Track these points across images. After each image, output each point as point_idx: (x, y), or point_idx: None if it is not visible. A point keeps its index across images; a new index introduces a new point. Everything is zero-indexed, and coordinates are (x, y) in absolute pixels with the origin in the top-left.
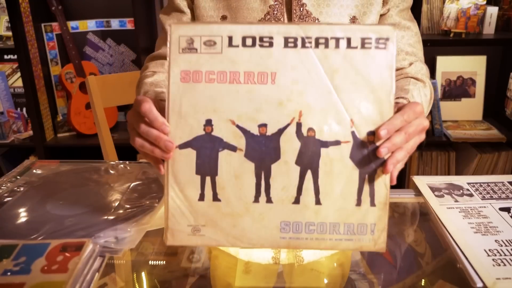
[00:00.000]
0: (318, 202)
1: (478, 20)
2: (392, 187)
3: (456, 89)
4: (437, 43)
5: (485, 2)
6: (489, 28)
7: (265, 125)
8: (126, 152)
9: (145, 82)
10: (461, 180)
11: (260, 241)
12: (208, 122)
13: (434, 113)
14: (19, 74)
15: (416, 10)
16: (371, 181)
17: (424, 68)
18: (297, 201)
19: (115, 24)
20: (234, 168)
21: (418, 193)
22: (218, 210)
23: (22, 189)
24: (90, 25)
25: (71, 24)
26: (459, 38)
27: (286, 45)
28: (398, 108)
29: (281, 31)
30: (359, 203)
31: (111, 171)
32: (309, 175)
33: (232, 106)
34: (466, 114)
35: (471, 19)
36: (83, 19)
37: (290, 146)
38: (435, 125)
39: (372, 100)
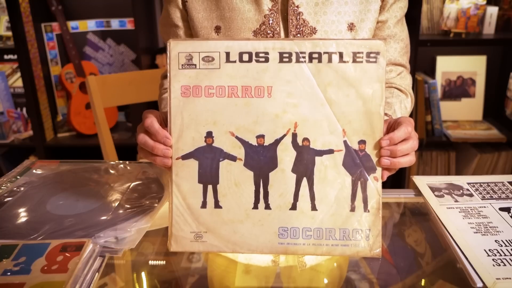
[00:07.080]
0: (314, 208)
1: (478, 20)
2: (392, 187)
3: (456, 89)
4: (437, 43)
5: (485, 2)
6: (489, 28)
7: (262, 136)
8: (126, 152)
9: (162, 98)
10: (461, 180)
11: (259, 247)
12: (209, 134)
13: (434, 113)
14: (19, 74)
15: (416, 10)
16: (364, 187)
17: (409, 78)
18: (294, 207)
19: (115, 24)
20: (234, 176)
21: (418, 193)
22: (220, 217)
23: (22, 189)
24: (90, 25)
25: (71, 24)
26: (459, 38)
27: (281, 60)
28: (397, 123)
29: (276, 46)
30: (353, 209)
31: (111, 171)
32: (304, 182)
33: (231, 119)
34: (466, 114)
35: (471, 19)
36: (83, 19)
37: (286, 155)
38: (435, 125)
39: (363, 112)
